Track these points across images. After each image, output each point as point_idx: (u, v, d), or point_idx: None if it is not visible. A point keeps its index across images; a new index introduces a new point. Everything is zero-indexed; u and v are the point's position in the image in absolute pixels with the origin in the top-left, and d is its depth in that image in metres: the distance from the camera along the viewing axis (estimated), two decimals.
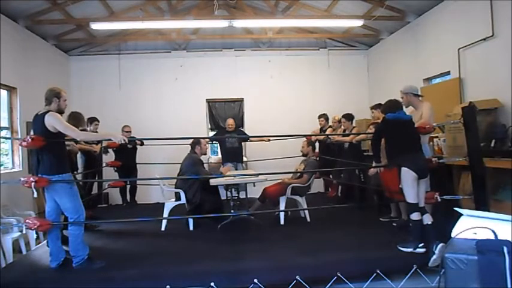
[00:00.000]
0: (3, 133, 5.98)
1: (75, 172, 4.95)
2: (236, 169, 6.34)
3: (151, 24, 6.97)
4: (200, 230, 4.93)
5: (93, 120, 6.07)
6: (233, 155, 6.63)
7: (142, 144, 6.78)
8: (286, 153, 6.06)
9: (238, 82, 8.64)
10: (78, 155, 5.43)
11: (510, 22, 4.50)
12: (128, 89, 8.43)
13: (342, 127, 6.33)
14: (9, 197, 5.09)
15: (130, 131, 6.86)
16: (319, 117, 6.95)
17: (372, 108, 5.64)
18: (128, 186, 7.06)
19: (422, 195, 3.71)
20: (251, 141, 7.12)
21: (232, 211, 5.05)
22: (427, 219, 3.62)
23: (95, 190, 6.20)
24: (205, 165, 5.81)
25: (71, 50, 8.36)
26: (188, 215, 5.01)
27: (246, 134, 7.08)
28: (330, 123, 6.86)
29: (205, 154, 5.78)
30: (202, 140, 5.42)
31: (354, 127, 6.17)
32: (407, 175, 3.64)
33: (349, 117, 6.06)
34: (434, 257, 3.40)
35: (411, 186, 3.65)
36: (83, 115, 5.14)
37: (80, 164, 5.49)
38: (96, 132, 5.89)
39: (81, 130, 4.19)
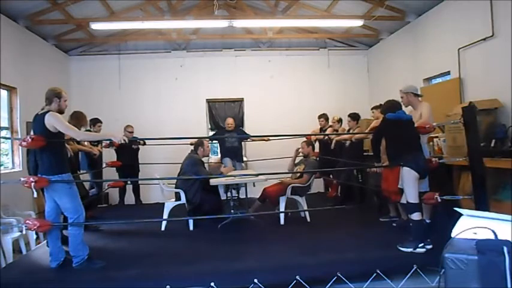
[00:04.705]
0: (3, 133, 5.98)
1: (78, 172, 4.95)
2: (235, 167, 6.33)
3: (151, 24, 6.97)
4: (200, 230, 4.92)
5: (96, 121, 6.07)
6: (233, 154, 6.64)
7: (144, 144, 6.79)
8: (286, 153, 6.05)
9: (238, 82, 8.64)
10: (81, 156, 5.44)
11: (510, 22, 4.50)
12: (128, 89, 8.43)
13: (347, 126, 6.32)
14: (9, 197, 5.09)
15: (132, 131, 6.86)
16: (319, 117, 6.94)
17: (373, 108, 5.65)
18: (131, 187, 7.06)
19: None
20: (253, 140, 7.12)
21: (232, 211, 5.05)
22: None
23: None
24: (205, 165, 5.82)
25: (71, 50, 8.36)
26: (188, 215, 5.01)
27: (246, 133, 7.08)
28: (330, 123, 6.85)
29: (207, 156, 5.80)
30: (205, 142, 5.43)
31: (358, 127, 6.16)
32: (409, 175, 3.66)
33: (355, 116, 6.05)
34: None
35: (412, 186, 3.66)
36: (85, 114, 5.16)
37: (83, 164, 5.50)
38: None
39: (84, 130, 4.18)
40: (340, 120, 6.65)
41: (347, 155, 5.89)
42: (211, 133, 8.52)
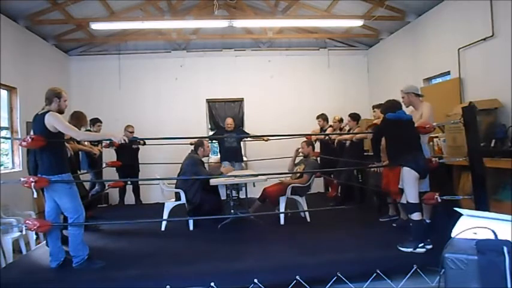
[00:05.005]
0: (3, 133, 5.98)
1: (78, 172, 4.95)
2: (234, 168, 6.32)
3: (151, 24, 6.97)
4: (200, 230, 4.92)
5: (96, 121, 6.08)
6: (232, 155, 6.63)
7: (144, 144, 6.79)
8: (286, 153, 6.06)
9: (238, 82, 8.64)
10: (81, 156, 5.44)
11: (510, 22, 4.50)
12: (128, 89, 8.44)
13: (347, 126, 6.32)
14: (9, 197, 5.09)
15: (133, 131, 6.85)
16: (317, 117, 6.89)
17: (374, 107, 5.64)
18: (131, 187, 7.06)
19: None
20: (253, 139, 7.10)
21: (232, 211, 5.05)
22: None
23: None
24: (205, 165, 5.82)
25: (71, 50, 8.36)
26: (188, 215, 5.01)
27: (245, 133, 7.06)
28: (331, 123, 6.85)
29: (207, 156, 5.80)
30: (205, 142, 5.43)
31: (358, 127, 6.16)
32: (409, 175, 3.66)
33: (355, 117, 6.04)
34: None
35: (413, 186, 3.66)
36: (85, 115, 5.16)
37: (84, 164, 5.50)
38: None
39: (84, 130, 4.18)
40: (341, 120, 6.64)
41: (347, 155, 5.88)
42: (211, 133, 8.52)
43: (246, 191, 5.33)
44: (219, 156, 7.37)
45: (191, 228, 4.95)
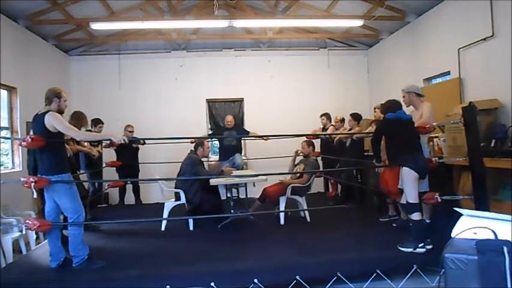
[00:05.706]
0: (3, 133, 5.98)
1: (78, 172, 4.95)
2: (233, 164, 6.28)
3: (151, 24, 6.97)
4: (200, 230, 4.92)
5: (97, 122, 6.06)
6: (231, 153, 6.61)
7: (144, 143, 6.79)
8: (286, 153, 6.06)
9: (238, 82, 8.64)
10: (81, 156, 5.43)
11: (510, 22, 4.50)
12: (128, 89, 8.43)
13: (348, 126, 6.32)
14: (9, 197, 5.08)
15: (133, 131, 6.85)
16: (321, 116, 6.95)
17: (376, 107, 5.64)
18: (131, 187, 7.05)
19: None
20: (252, 137, 7.08)
21: (232, 211, 5.05)
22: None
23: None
24: (205, 164, 5.82)
25: (71, 50, 8.36)
26: (188, 215, 5.01)
27: (246, 131, 7.05)
28: (333, 123, 6.85)
29: (207, 156, 5.78)
30: (205, 142, 5.42)
31: (359, 127, 6.15)
32: (409, 175, 3.66)
33: (356, 117, 6.03)
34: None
35: (412, 186, 3.66)
36: (85, 115, 5.16)
37: (82, 165, 5.50)
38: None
39: (84, 130, 4.18)
40: (342, 120, 6.64)
41: (347, 155, 5.89)
42: (211, 133, 8.50)
43: (246, 191, 5.33)
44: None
45: (191, 228, 4.95)
